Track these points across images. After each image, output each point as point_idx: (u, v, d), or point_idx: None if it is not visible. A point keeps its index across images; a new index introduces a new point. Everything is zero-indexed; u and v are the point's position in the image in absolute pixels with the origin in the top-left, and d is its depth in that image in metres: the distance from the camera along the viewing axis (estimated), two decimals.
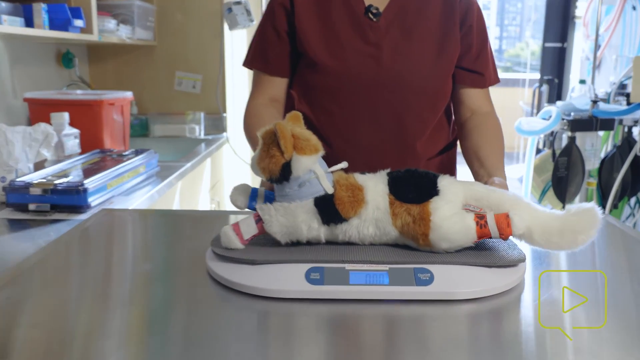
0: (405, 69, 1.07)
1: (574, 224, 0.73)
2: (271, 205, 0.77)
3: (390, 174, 0.79)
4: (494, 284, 0.71)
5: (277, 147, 0.74)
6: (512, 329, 0.64)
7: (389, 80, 1.06)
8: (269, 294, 0.70)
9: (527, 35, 8.81)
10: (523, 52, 8.75)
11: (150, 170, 1.70)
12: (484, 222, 0.74)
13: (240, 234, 0.78)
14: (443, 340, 0.62)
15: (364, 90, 1.07)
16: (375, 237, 0.77)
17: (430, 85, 1.10)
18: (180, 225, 1.08)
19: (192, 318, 0.66)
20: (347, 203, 0.75)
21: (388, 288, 0.69)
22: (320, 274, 0.71)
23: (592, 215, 0.73)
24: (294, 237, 0.77)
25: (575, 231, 0.73)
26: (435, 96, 1.12)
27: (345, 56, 1.07)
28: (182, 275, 0.81)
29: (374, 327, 0.65)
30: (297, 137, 0.75)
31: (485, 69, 1.14)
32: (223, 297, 0.72)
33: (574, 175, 2.39)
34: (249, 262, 0.74)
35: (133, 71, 2.77)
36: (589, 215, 0.73)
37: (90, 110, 1.73)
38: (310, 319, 0.67)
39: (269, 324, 0.67)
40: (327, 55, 1.07)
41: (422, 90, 1.09)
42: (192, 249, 0.91)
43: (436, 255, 0.75)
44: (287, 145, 0.73)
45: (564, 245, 0.75)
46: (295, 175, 0.74)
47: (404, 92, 1.08)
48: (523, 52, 8.75)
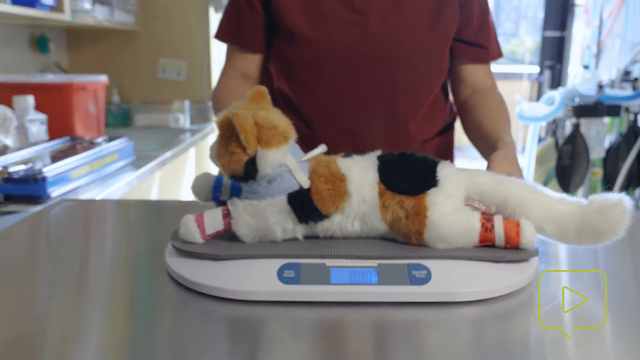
0: (396, 40, 0.95)
1: (595, 223, 0.62)
2: (240, 202, 0.66)
3: (382, 158, 0.67)
4: (502, 283, 0.60)
5: (238, 142, 0.62)
6: (523, 334, 0.53)
7: (377, 53, 0.94)
8: (234, 296, 0.59)
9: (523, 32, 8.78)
10: (519, 48, 8.72)
11: (125, 158, 1.58)
12: (490, 226, 0.63)
13: (202, 227, 0.66)
14: (441, 350, 0.51)
15: (349, 65, 0.95)
16: (362, 233, 0.66)
17: (424, 59, 0.98)
18: (146, 217, 0.96)
19: (142, 324, 0.55)
20: (327, 197, 0.64)
21: (377, 288, 0.58)
22: (295, 272, 0.59)
23: (618, 212, 0.62)
24: (266, 239, 0.66)
25: (595, 232, 0.62)
26: (430, 71, 1.00)
27: (328, 26, 0.95)
28: (138, 273, 0.70)
29: (359, 335, 0.54)
30: (261, 127, 0.63)
31: (487, 41, 1.02)
32: (182, 299, 0.61)
33: (579, 165, 2.28)
34: (212, 257, 0.63)
35: (114, 58, 2.64)
36: (614, 212, 0.62)
37: (59, 95, 1.61)
38: (284, 325, 0.56)
39: (233, 331, 0.55)
40: (307, 24, 0.95)
41: (415, 65, 0.97)
42: (155, 243, 0.80)
43: (433, 249, 0.63)
44: (249, 139, 0.61)
45: (583, 243, 0.64)
46: (263, 173, 0.63)
47: (394, 67, 0.96)
48: (519, 48, 8.72)
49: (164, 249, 0.70)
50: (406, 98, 0.98)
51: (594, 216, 0.62)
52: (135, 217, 0.97)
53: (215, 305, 0.59)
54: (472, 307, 0.58)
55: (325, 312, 0.57)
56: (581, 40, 3.46)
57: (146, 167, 1.61)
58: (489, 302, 0.59)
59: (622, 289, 0.52)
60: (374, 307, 0.58)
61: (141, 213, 0.99)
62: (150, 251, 0.77)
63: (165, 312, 0.59)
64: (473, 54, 1.02)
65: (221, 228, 0.67)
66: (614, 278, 0.55)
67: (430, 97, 1.01)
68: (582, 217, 0.63)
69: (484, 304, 0.59)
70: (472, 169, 0.69)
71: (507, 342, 0.52)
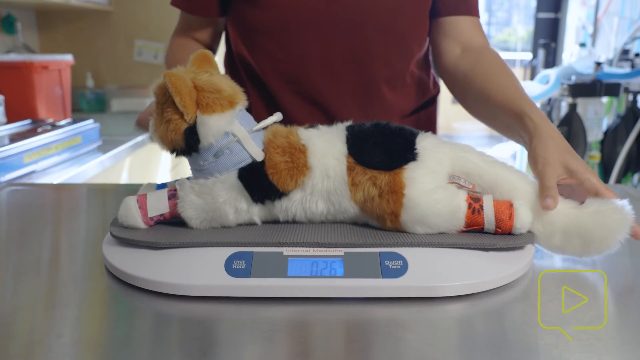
0: (367, 2, 0.84)
1: (588, 227, 0.54)
2: (188, 181, 0.56)
3: (351, 129, 0.58)
4: (493, 275, 0.51)
5: (174, 108, 0.53)
6: (516, 335, 0.44)
7: (346, 17, 0.84)
8: (173, 291, 0.50)
9: (515, 21, 8.78)
10: (511, 37, 8.71)
11: (89, 142, 1.48)
12: (478, 207, 0.54)
13: (144, 208, 0.57)
14: (420, 355, 0.41)
15: (315, 30, 0.84)
16: (328, 216, 0.57)
17: (399, 22, 0.86)
18: (94, 202, 0.86)
19: (68, 323, 0.45)
20: (284, 171, 0.54)
21: (343, 281, 0.49)
22: (246, 262, 0.50)
23: (617, 218, 0.53)
24: (218, 223, 0.57)
25: (585, 238, 0.54)
26: (403, 36, 0.88)
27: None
28: (72, 264, 0.60)
29: (322, 338, 0.44)
30: (201, 89, 0.54)
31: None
32: (116, 294, 0.53)
33: (575, 147, 2.18)
34: (151, 245, 0.53)
35: (87, 40, 2.52)
36: (612, 217, 0.53)
37: (19, 74, 1.49)
38: (231, 326, 0.46)
39: (171, 333, 0.45)
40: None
41: (388, 29, 0.86)
42: (97, 229, 0.70)
43: (410, 235, 0.54)
44: (186, 102, 0.52)
45: (566, 251, 0.56)
46: (206, 142, 0.54)
47: (365, 32, 0.85)
48: (511, 37, 8.71)
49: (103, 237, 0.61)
50: (379, 66, 0.87)
51: (588, 219, 0.54)
52: (82, 202, 0.87)
53: (151, 302, 0.50)
54: (457, 304, 0.49)
55: (281, 310, 0.48)
56: (576, 21, 3.36)
57: (113, 151, 1.51)
58: (477, 297, 0.50)
59: (622, 289, 0.50)
60: (339, 304, 0.49)
61: (91, 198, 0.89)
62: (90, 239, 0.67)
63: (95, 309, 0.50)
64: (455, 3, 0.89)
65: (166, 211, 0.57)
66: (614, 278, 0.52)
67: (408, 66, 0.90)
68: (575, 218, 0.54)
69: (471, 299, 0.50)
70: (458, 144, 0.59)
71: (498, 345, 0.43)
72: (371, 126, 0.57)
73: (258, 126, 0.57)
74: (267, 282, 0.48)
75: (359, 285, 0.48)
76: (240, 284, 0.49)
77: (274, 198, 0.55)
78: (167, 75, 0.52)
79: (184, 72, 0.55)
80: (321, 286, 0.48)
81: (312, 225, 0.57)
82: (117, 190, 0.93)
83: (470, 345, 0.43)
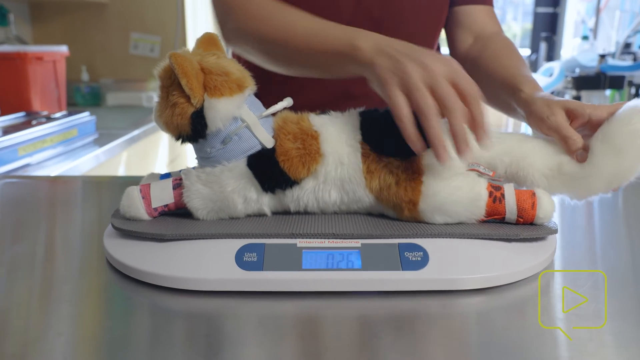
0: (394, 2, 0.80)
1: (616, 136, 0.52)
2: (194, 170, 0.54)
3: (365, 114, 0.55)
4: (516, 267, 0.48)
5: (180, 91, 0.50)
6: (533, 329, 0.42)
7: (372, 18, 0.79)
8: (181, 285, 0.47)
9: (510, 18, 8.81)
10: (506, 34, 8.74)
11: (86, 135, 1.44)
12: (499, 196, 0.51)
13: (148, 199, 0.54)
14: (442, 351, 0.39)
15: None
16: (342, 206, 0.54)
17: (424, 20, 0.84)
18: (93, 195, 0.83)
19: (68, 320, 0.43)
20: (296, 158, 0.52)
21: (361, 274, 0.46)
22: (258, 255, 0.47)
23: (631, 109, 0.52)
24: (226, 214, 0.54)
25: (616, 148, 0.52)
26: (427, 35, 0.85)
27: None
28: (70, 258, 0.57)
29: (338, 334, 0.42)
30: (208, 72, 0.51)
31: None
32: (119, 289, 0.50)
33: None
34: (157, 237, 0.50)
35: (82, 33, 2.47)
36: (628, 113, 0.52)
37: (12, 65, 1.46)
38: (243, 322, 0.44)
39: (180, 330, 0.43)
40: None
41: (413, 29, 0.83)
42: (94, 222, 0.67)
43: (429, 225, 0.51)
44: (193, 84, 0.49)
45: (602, 170, 0.53)
46: (214, 128, 0.51)
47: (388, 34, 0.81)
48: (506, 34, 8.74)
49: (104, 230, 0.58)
50: None
51: (615, 125, 0.52)
52: (78, 195, 0.84)
53: (157, 297, 0.47)
54: (479, 297, 0.47)
55: (295, 305, 0.45)
56: (575, 16, 3.34)
57: (110, 144, 1.47)
58: (499, 290, 0.48)
59: (622, 289, 0.49)
60: (356, 299, 0.46)
61: (87, 190, 0.86)
62: (87, 233, 0.64)
63: (97, 305, 0.47)
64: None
65: (171, 201, 0.54)
66: (614, 278, 0.51)
67: None
68: (603, 132, 0.53)
69: (493, 292, 0.47)
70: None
71: (519, 339, 0.41)
72: (385, 112, 0.55)
73: (267, 112, 0.54)
74: (281, 275, 0.46)
75: (378, 278, 0.46)
76: (252, 278, 0.46)
77: (285, 187, 0.52)
78: (172, 56, 0.49)
79: (191, 55, 0.52)
80: (338, 279, 0.46)
81: (326, 215, 0.54)
82: (114, 183, 0.90)
83: (489, 339, 0.41)
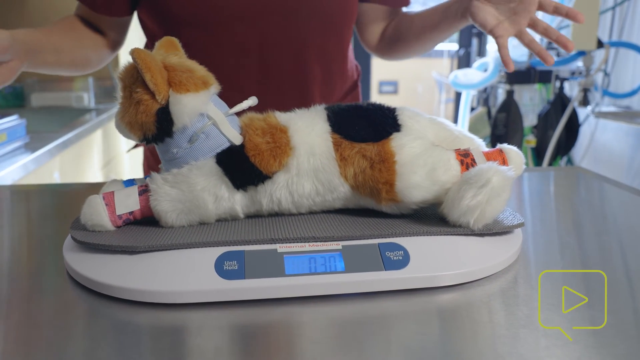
0: None
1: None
2: (159, 174, 0.52)
3: (330, 108, 0.56)
4: (492, 260, 0.50)
5: (144, 87, 0.49)
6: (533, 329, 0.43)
7: (279, 1, 0.80)
8: (162, 300, 0.45)
9: None
10: None
11: (16, 140, 1.35)
12: (470, 161, 0.53)
13: (112, 206, 0.51)
14: (440, 347, 0.39)
15: (248, 19, 0.79)
16: (317, 198, 0.54)
17: (332, 4, 0.84)
18: (43, 204, 0.78)
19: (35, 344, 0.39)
20: (266, 151, 0.51)
21: (345, 277, 0.46)
22: (239, 263, 0.46)
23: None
24: (197, 216, 0.52)
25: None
26: (341, 20, 0.86)
27: None
28: (28, 276, 0.53)
29: (325, 339, 0.41)
30: (172, 69, 0.50)
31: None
32: (90, 307, 0.46)
33: (514, 133, 2.27)
34: (128, 250, 0.48)
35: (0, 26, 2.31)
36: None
37: None
38: (227, 333, 0.42)
39: (161, 345, 0.41)
40: None
41: (321, 13, 0.83)
42: (52, 235, 0.63)
43: (407, 224, 0.52)
44: (157, 79, 0.48)
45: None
46: (180, 124, 0.50)
47: (298, 17, 0.81)
48: None
49: (61, 243, 0.54)
50: (315, 54, 0.84)
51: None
52: (30, 204, 0.78)
53: (135, 314, 0.45)
54: (456, 292, 0.47)
55: (280, 312, 0.45)
56: None
57: (44, 149, 1.39)
58: (476, 284, 0.49)
59: (622, 289, 0.50)
60: (341, 301, 0.46)
61: (38, 199, 0.80)
62: (47, 246, 0.60)
63: (69, 326, 0.44)
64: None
65: (136, 207, 0.52)
66: (614, 278, 0.52)
67: (342, 51, 0.89)
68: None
69: (471, 286, 0.48)
70: (433, 116, 0.58)
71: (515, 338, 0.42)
72: (349, 105, 0.56)
73: (233, 110, 0.53)
74: (264, 282, 0.45)
75: (362, 280, 0.46)
76: (235, 287, 0.44)
77: (257, 182, 0.51)
78: (134, 51, 0.47)
79: (153, 52, 0.50)
80: (323, 283, 0.45)
81: (304, 217, 0.54)
82: (43, 191, 0.85)
83: (474, 330, 0.42)
